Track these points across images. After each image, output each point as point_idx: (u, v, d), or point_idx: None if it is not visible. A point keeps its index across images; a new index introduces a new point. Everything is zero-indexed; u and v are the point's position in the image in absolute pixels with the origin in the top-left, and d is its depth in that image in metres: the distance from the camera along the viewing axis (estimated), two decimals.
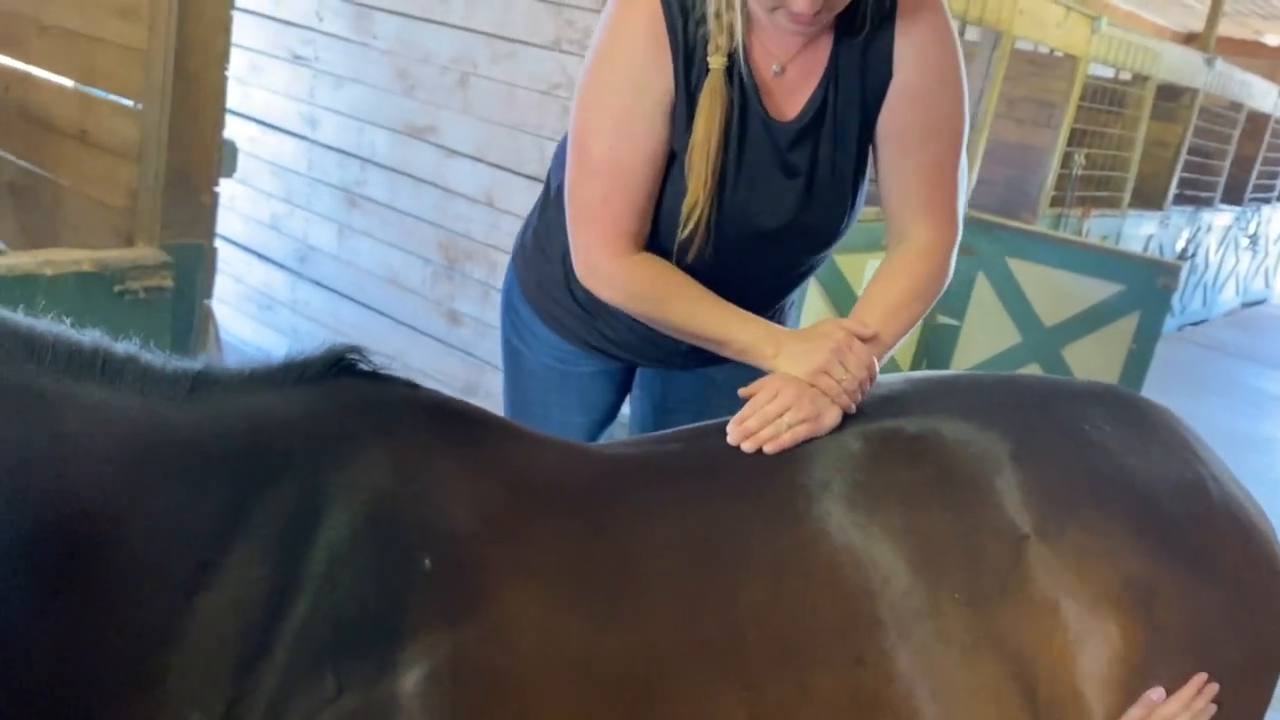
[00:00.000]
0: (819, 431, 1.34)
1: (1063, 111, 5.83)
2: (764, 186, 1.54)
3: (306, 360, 1.11)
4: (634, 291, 1.53)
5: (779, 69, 1.49)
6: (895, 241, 1.58)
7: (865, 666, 1.16)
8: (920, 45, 1.49)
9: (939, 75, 1.51)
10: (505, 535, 1.11)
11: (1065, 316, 4.78)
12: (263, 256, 4.37)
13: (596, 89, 1.47)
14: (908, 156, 1.53)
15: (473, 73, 3.49)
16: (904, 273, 1.55)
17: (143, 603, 0.92)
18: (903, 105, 1.51)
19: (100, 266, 2.09)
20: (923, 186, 1.54)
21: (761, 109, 1.50)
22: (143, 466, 0.95)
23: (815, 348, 1.41)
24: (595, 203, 1.49)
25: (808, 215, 1.57)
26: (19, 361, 0.92)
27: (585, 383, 1.83)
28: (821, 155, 1.54)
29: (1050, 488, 1.26)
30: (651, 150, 1.47)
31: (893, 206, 1.58)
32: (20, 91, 2.77)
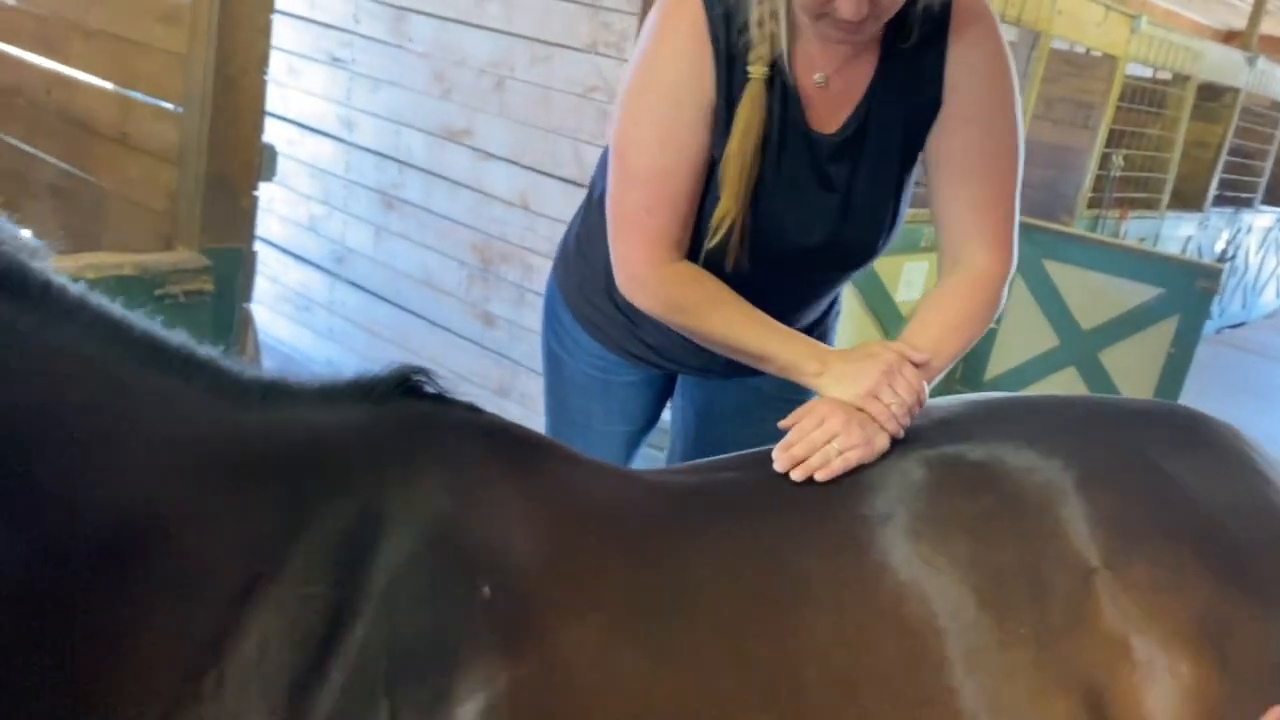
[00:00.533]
0: (869, 458, 1.30)
1: (1101, 112, 5.76)
2: (801, 199, 1.51)
3: (374, 379, 1.12)
4: (675, 303, 1.50)
5: (822, 80, 1.47)
6: (949, 266, 1.54)
7: (932, 706, 1.13)
8: (975, 67, 1.46)
9: (995, 99, 1.48)
10: (563, 566, 1.10)
11: (1103, 320, 4.73)
12: (300, 258, 4.40)
13: (639, 98, 1.46)
14: (963, 183, 1.50)
15: (509, 76, 3.49)
16: (957, 298, 1.50)
17: (194, 602, 0.92)
18: (958, 128, 1.48)
19: (141, 270, 2.11)
20: (978, 214, 1.50)
21: (802, 120, 1.47)
22: (206, 469, 0.96)
23: (863, 369, 1.37)
24: (638, 212, 1.48)
25: (844, 231, 1.54)
26: (107, 347, 0.93)
27: (627, 392, 1.82)
28: (862, 171, 1.51)
29: (1117, 518, 1.22)
30: (694, 159, 1.46)
31: (947, 231, 1.53)
32: (62, 95, 2.81)
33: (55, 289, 0.91)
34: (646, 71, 1.45)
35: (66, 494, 0.87)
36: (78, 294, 0.94)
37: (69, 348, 0.90)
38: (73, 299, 0.93)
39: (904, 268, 4.26)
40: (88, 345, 0.91)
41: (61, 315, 0.91)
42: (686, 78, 1.42)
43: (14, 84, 3.03)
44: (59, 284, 0.92)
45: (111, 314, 0.96)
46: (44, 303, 0.90)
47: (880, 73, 1.47)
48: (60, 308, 0.91)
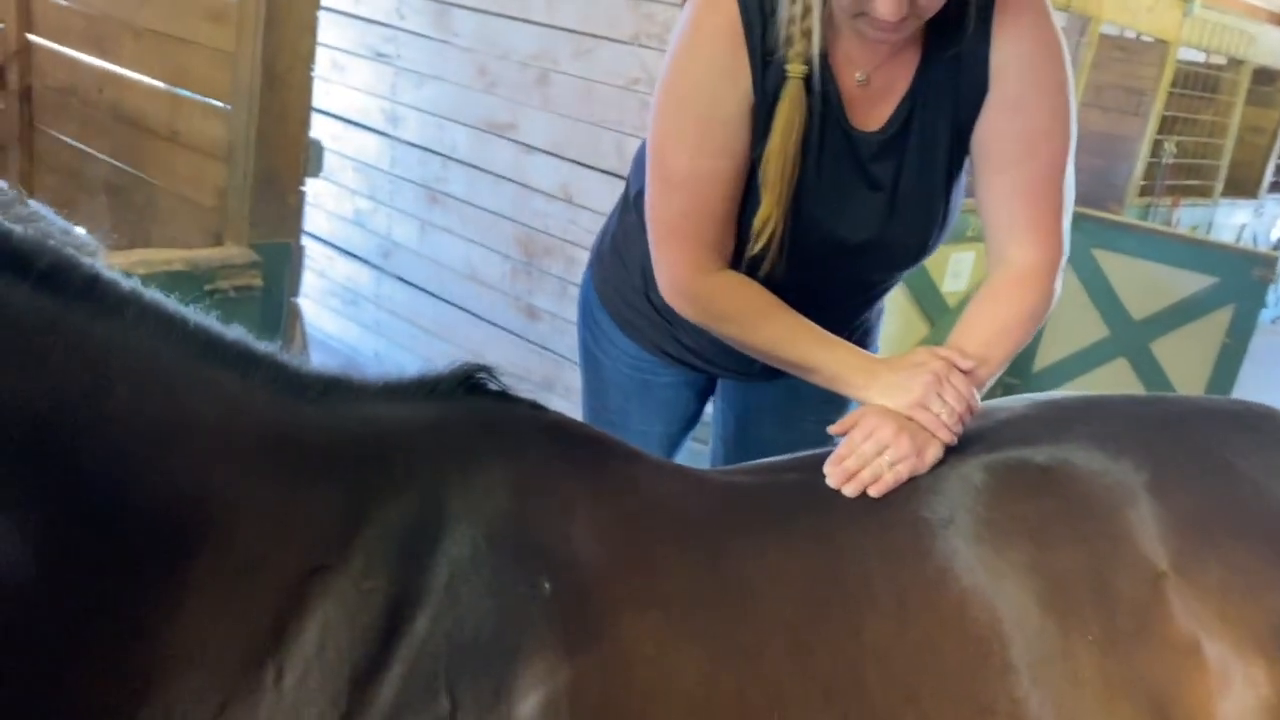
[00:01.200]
0: (921, 469, 1.27)
1: (1152, 98, 5.66)
2: (845, 199, 1.48)
3: (437, 376, 1.13)
4: (718, 312, 1.48)
5: (863, 78, 1.43)
6: (995, 262, 1.48)
7: (995, 715, 1.11)
8: (1020, 52, 1.41)
9: (1041, 86, 1.42)
10: (624, 563, 1.10)
11: (1155, 310, 4.64)
12: (347, 252, 4.45)
13: (674, 99, 1.43)
14: (1006, 172, 1.44)
15: (552, 69, 3.50)
16: (1005, 298, 1.45)
17: (251, 594, 0.93)
18: (1001, 117, 1.43)
19: (191, 266, 2.14)
20: (1024, 205, 1.44)
21: (844, 119, 1.44)
22: (264, 460, 0.97)
23: (911, 379, 1.33)
24: (677, 217, 1.45)
25: (891, 230, 1.51)
26: (158, 341, 0.94)
27: (665, 393, 1.80)
28: (907, 169, 1.47)
29: (1189, 521, 1.18)
30: (733, 161, 1.42)
31: (992, 225, 1.48)
32: (114, 93, 2.85)
33: (104, 283, 0.92)
34: (681, 72, 1.42)
35: (111, 483, 0.88)
36: (128, 288, 0.95)
37: (115, 341, 0.91)
38: (122, 293, 0.93)
39: (950, 258, 4.21)
40: (136, 339, 0.92)
41: (110, 309, 0.91)
42: (722, 78, 1.39)
43: (68, 83, 3.08)
44: (109, 278, 0.93)
45: (165, 309, 0.97)
46: (92, 296, 0.91)
47: (923, 68, 1.43)
48: (109, 302, 0.92)
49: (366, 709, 0.94)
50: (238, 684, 0.91)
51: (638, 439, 1.73)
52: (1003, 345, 1.43)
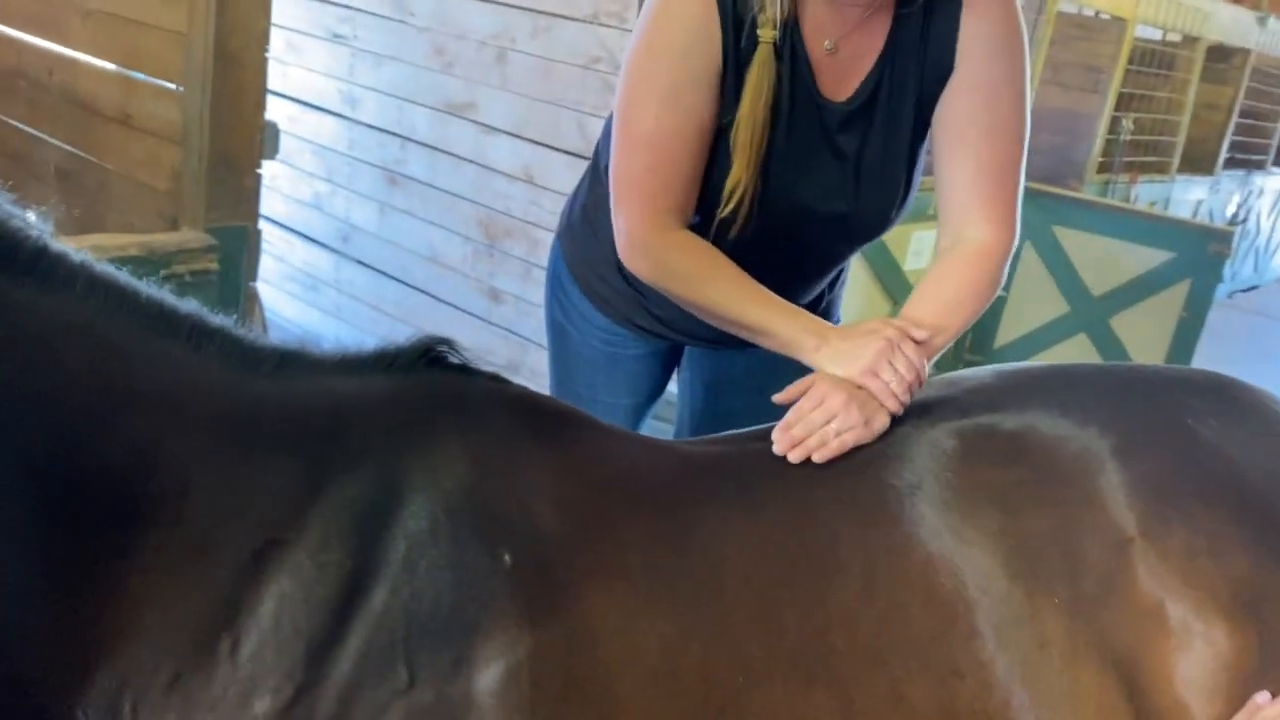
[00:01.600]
0: (867, 438, 1.28)
1: (1110, 76, 5.71)
2: (811, 168, 1.49)
3: (397, 350, 1.12)
4: (674, 270, 1.48)
5: (831, 46, 1.44)
6: (950, 241, 1.50)
7: (963, 678, 1.12)
8: (989, 34, 1.43)
9: (1006, 69, 1.45)
10: (588, 534, 1.10)
11: (1114, 285, 4.70)
12: (305, 236, 4.40)
13: (644, 59, 1.43)
14: (968, 153, 1.46)
15: (510, 48, 3.47)
16: (958, 273, 1.47)
17: (204, 566, 0.93)
18: (965, 96, 1.45)
19: (146, 250, 2.11)
20: (982, 186, 1.46)
21: (813, 87, 1.45)
22: (216, 433, 0.96)
23: (863, 346, 1.34)
24: (640, 173, 1.45)
25: (855, 201, 1.52)
26: (107, 314, 0.93)
27: (634, 365, 1.80)
28: (872, 140, 1.49)
29: (1155, 486, 1.20)
30: (699, 122, 1.43)
31: (949, 204, 1.50)
32: (64, 76, 2.80)
33: (51, 255, 0.91)
34: (652, 34, 1.43)
35: (57, 457, 0.87)
36: (78, 261, 0.94)
37: (62, 314, 0.90)
38: (71, 266, 0.92)
39: (912, 236, 4.24)
40: (84, 311, 0.91)
41: (58, 282, 0.91)
42: (693, 39, 1.40)
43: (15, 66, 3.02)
44: (57, 251, 0.92)
45: (116, 282, 0.96)
46: (38, 269, 0.90)
47: (892, 40, 1.45)
48: (57, 275, 0.91)
49: (323, 681, 0.94)
50: (191, 656, 0.91)
51: (605, 412, 1.73)
52: (954, 319, 1.45)
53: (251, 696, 0.92)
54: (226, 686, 0.92)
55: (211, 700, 0.91)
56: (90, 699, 0.89)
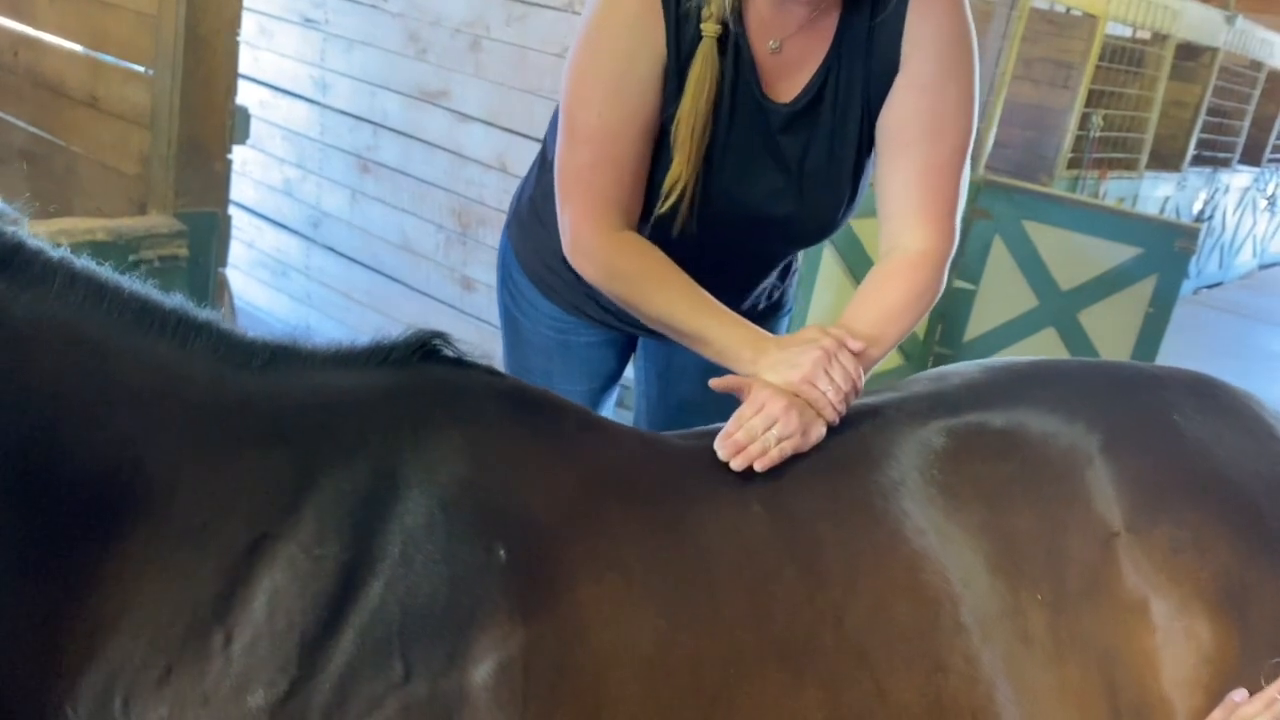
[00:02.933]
0: (804, 448, 1.27)
1: (1080, 72, 5.75)
2: (752, 169, 1.48)
3: (391, 344, 1.12)
4: (616, 270, 1.45)
5: (776, 45, 1.43)
6: (888, 246, 1.48)
7: (948, 674, 1.13)
8: (933, 34, 1.41)
9: (949, 70, 1.42)
10: (581, 528, 1.10)
11: (1082, 280, 4.74)
12: (275, 222, 4.36)
13: (587, 56, 1.42)
14: (908, 155, 1.43)
15: (485, 36, 3.45)
16: (897, 282, 1.45)
17: (194, 561, 0.92)
18: (909, 96, 1.42)
19: (114, 235, 2.08)
20: (922, 189, 1.44)
21: (756, 87, 1.44)
22: (204, 429, 0.96)
23: (800, 355, 1.33)
24: (584, 170, 1.44)
25: (796, 204, 1.51)
26: (87, 310, 0.92)
27: (586, 352, 1.80)
28: (816, 143, 1.48)
29: (1142, 482, 1.21)
30: (643, 119, 1.42)
31: (888, 208, 1.47)
32: (30, 56, 2.76)
33: (28, 252, 0.90)
34: (596, 28, 1.42)
35: (37, 456, 0.86)
36: (56, 258, 0.93)
37: (39, 312, 0.89)
38: (48, 262, 0.92)
39: None
40: (62, 309, 0.91)
41: (33, 279, 0.90)
42: (637, 34, 1.40)
43: None
44: (33, 247, 0.91)
45: (96, 278, 0.95)
46: (12, 266, 0.89)
47: (838, 42, 1.44)
48: (32, 271, 0.90)
49: (318, 675, 0.93)
50: (183, 650, 0.91)
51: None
52: (893, 328, 1.43)
53: (245, 690, 0.92)
54: (220, 680, 0.91)
55: (204, 694, 0.91)
56: (79, 694, 0.89)
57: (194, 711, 0.91)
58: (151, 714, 0.90)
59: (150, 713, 0.90)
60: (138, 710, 0.90)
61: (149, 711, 0.90)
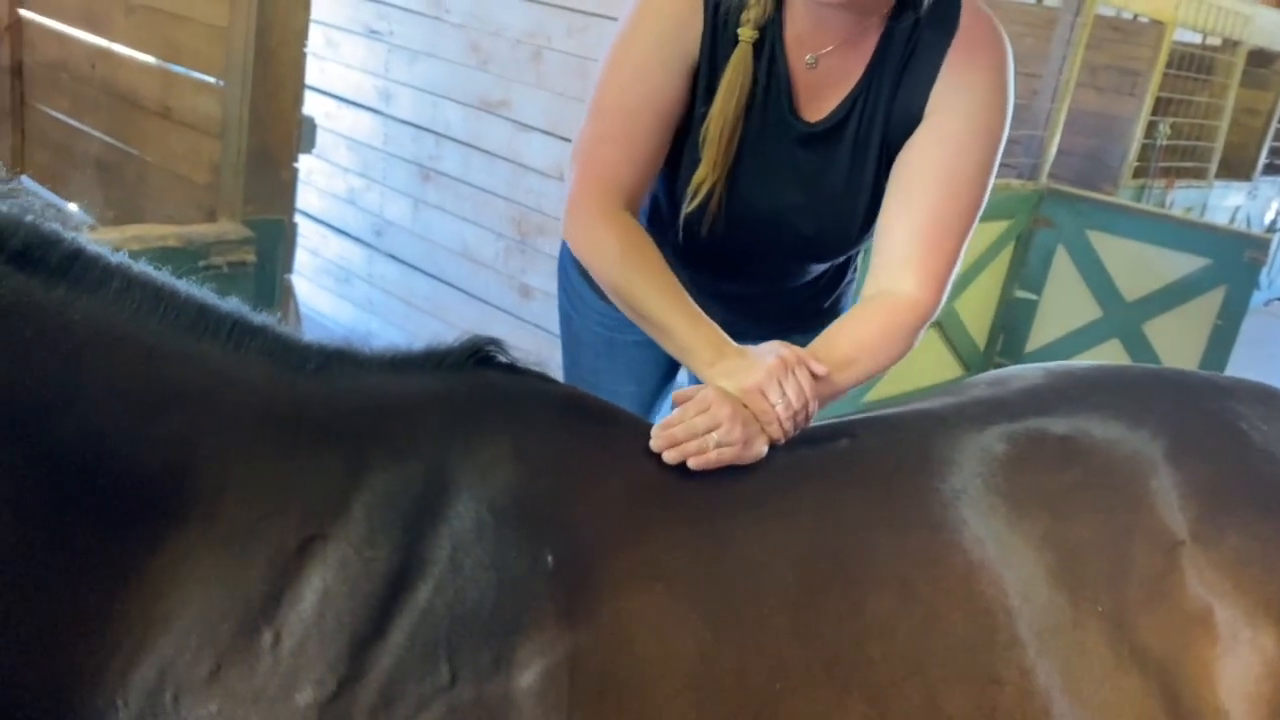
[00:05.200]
0: (743, 460, 1.22)
1: (1147, 79, 5.65)
2: (773, 181, 1.48)
3: (445, 349, 1.13)
4: (605, 250, 1.42)
5: (813, 61, 1.43)
6: (875, 289, 1.43)
7: (1002, 686, 1.11)
8: (968, 91, 1.38)
9: (977, 131, 1.39)
10: (628, 538, 1.10)
11: (1148, 291, 4.65)
12: (339, 230, 4.43)
13: (622, 39, 1.45)
14: (917, 204, 1.39)
15: (546, 46, 3.48)
16: (876, 321, 1.40)
17: (244, 561, 0.94)
18: (929, 148, 1.39)
19: (185, 241, 2.14)
20: (923, 242, 1.39)
21: (787, 101, 1.45)
22: (256, 431, 0.97)
23: (754, 365, 1.28)
24: (595, 142, 1.45)
25: (812, 220, 1.51)
26: (143, 315, 0.94)
27: (633, 351, 1.79)
28: (835, 166, 1.47)
29: (1208, 489, 1.19)
30: (663, 102, 1.43)
31: (885, 253, 1.42)
32: (106, 69, 2.84)
33: (86, 258, 0.93)
34: (634, 22, 1.44)
35: (88, 457, 0.88)
36: (114, 263, 0.95)
37: (94, 316, 0.91)
38: (106, 268, 0.94)
39: None
40: (118, 313, 0.93)
41: (91, 285, 0.92)
42: (672, 26, 1.41)
43: (59, 59, 3.06)
44: (92, 253, 0.94)
45: (153, 283, 0.97)
46: (71, 272, 0.91)
47: (872, 69, 1.43)
48: (90, 277, 0.92)
49: (366, 675, 0.94)
50: (233, 647, 0.92)
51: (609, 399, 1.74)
52: (860, 364, 1.37)
53: (294, 688, 0.92)
54: (269, 678, 0.92)
55: (254, 691, 0.92)
56: (130, 687, 0.90)
57: (243, 708, 0.91)
58: (201, 709, 0.91)
59: (200, 708, 0.91)
60: (187, 705, 0.91)
61: (198, 707, 0.91)
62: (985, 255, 4.59)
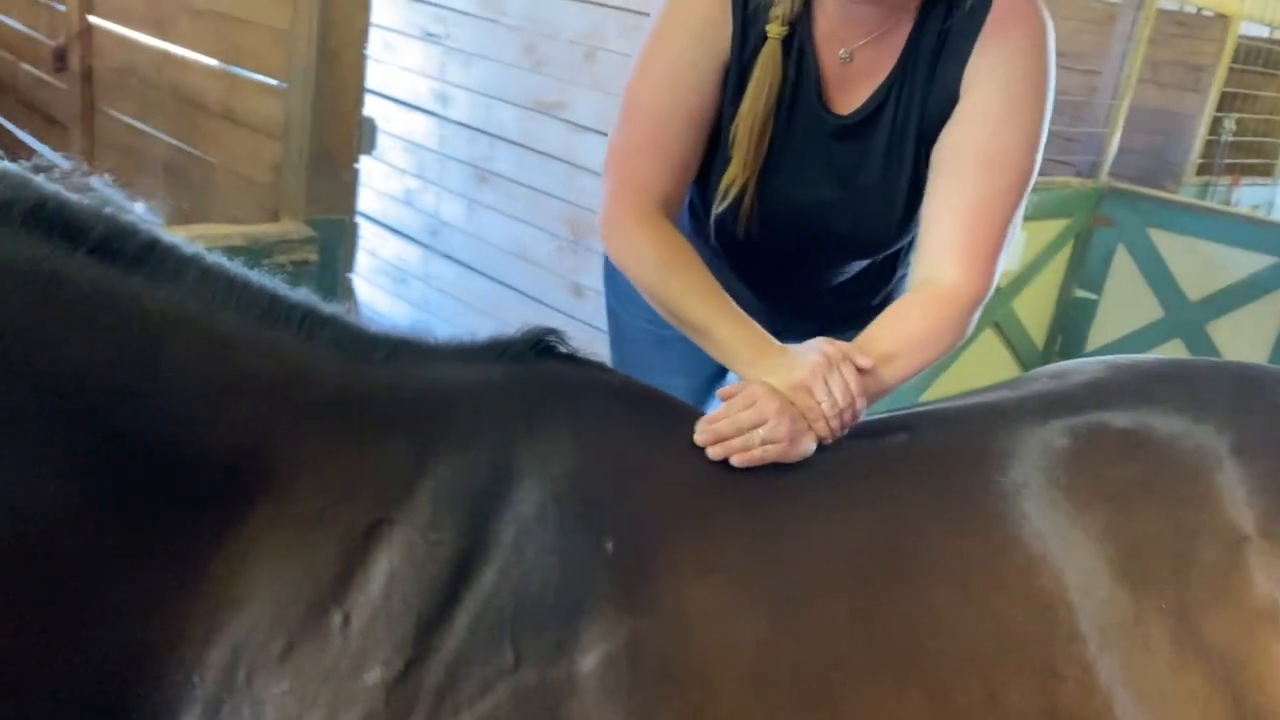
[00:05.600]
0: (790, 457, 1.20)
1: (1212, 74, 5.53)
2: (807, 177, 1.47)
3: (508, 339, 1.15)
4: (642, 254, 1.41)
5: (847, 55, 1.42)
6: (920, 278, 1.40)
7: (1062, 681, 1.10)
8: (1003, 66, 1.35)
9: (1015, 105, 1.36)
10: (687, 527, 1.11)
11: (1211, 290, 4.56)
12: (396, 231, 4.49)
13: (653, 41, 1.44)
14: (956, 185, 1.36)
15: (600, 47, 3.50)
16: (924, 314, 1.36)
17: (314, 544, 0.96)
18: (965, 127, 1.37)
19: (250, 241, 2.18)
20: (965, 224, 1.36)
21: (818, 95, 1.44)
22: (326, 417, 0.99)
23: (798, 362, 1.26)
24: (629, 149, 1.45)
25: (849, 216, 1.49)
26: (218, 304, 0.97)
27: (682, 346, 1.78)
28: (870, 159, 1.46)
29: (1277, 485, 1.17)
30: (695, 105, 1.43)
31: (927, 239, 1.40)
32: (172, 72, 2.90)
33: (162, 249, 0.95)
34: (664, 23, 1.44)
35: (164, 441, 0.91)
36: (189, 254, 0.98)
37: (171, 305, 0.94)
38: (182, 258, 0.96)
39: None
40: (193, 302, 0.95)
41: (168, 274, 0.95)
42: (703, 25, 1.41)
43: (127, 63, 3.14)
44: (168, 244, 0.96)
45: (227, 273, 1.00)
46: (148, 262, 0.94)
47: (904, 59, 1.41)
48: (167, 267, 0.95)
49: (432, 657, 0.96)
50: (304, 628, 0.94)
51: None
52: (907, 360, 1.34)
53: (362, 668, 0.94)
54: (339, 658, 0.94)
55: (324, 671, 0.94)
56: (206, 665, 0.93)
57: (314, 687, 0.94)
58: (274, 688, 0.93)
59: (272, 686, 0.93)
60: (260, 683, 0.93)
61: (271, 685, 0.93)
62: (1044, 254, 4.53)
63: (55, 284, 0.87)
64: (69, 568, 0.87)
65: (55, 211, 0.89)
